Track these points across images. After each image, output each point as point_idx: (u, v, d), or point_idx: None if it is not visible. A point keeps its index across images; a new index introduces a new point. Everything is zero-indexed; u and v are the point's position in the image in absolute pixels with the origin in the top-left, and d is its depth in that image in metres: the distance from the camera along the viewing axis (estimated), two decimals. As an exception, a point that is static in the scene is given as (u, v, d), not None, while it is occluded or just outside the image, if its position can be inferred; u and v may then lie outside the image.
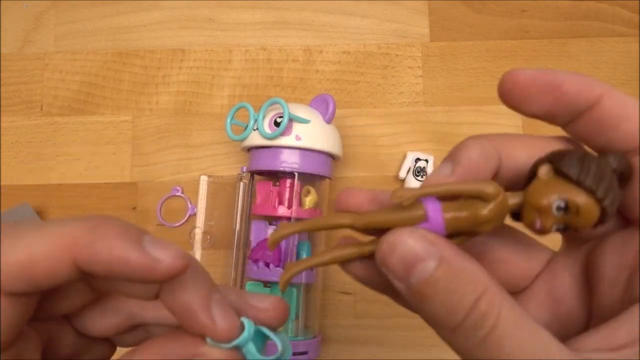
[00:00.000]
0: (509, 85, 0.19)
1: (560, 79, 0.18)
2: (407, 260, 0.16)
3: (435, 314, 0.16)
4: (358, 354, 0.44)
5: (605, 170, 0.16)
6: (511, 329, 0.15)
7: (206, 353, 0.17)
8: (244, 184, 0.42)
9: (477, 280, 0.15)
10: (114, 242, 0.16)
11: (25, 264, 0.15)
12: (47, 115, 0.48)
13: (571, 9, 0.49)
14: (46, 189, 0.47)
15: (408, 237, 0.16)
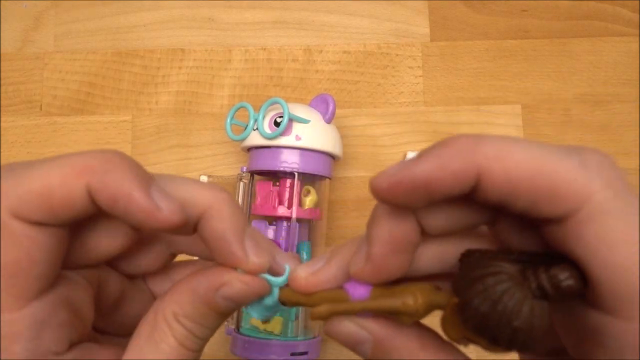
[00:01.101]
0: (379, 193, 0.16)
1: (420, 175, 0.15)
2: (349, 342, 0.18)
3: None
4: (358, 354, 0.44)
5: (520, 317, 0.13)
6: None
7: (232, 280, 0.18)
8: (243, 184, 0.42)
9: (410, 354, 0.17)
10: (124, 176, 0.16)
11: (43, 191, 0.16)
12: (47, 115, 0.48)
13: (572, 8, 0.49)
14: (46, 189, 0.47)
15: (340, 325, 0.18)
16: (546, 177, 0.14)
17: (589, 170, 0.14)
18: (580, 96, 0.47)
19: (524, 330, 0.13)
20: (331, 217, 0.45)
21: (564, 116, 0.47)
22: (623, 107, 0.47)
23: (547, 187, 0.14)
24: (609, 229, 0.13)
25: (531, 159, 0.14)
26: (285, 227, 0.40)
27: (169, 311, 0.18)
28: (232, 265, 0.18)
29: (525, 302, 0.13)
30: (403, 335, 0.17)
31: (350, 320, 0.18)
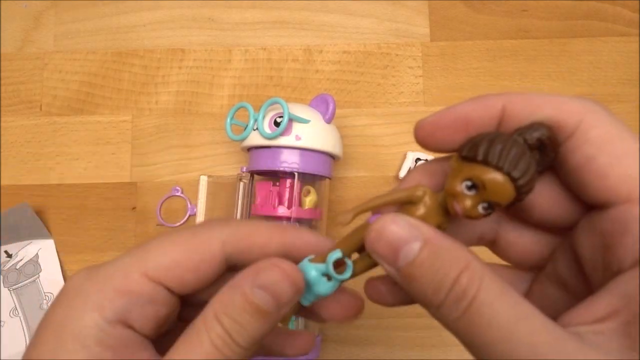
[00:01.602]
0: (420, 136, 0.20)
1: (461, 113, 0.19)
2: (394, 244, 0.17)
3: (422, 292, 0.17)
4: (358, 354, 0.44)
5: (509, 146, 0.17)
6: (491, 299, 0.16)
7: (267, 267, 0.18)
8: (243, 184, 0.42)
9: (459, 256, 0.16)
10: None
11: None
12: (47, 115, 0.48)
13: (572, 8, 0.49)
14: (45, 189, 0.47)
15: (392, 223, 0.17)
16: (549, 104, 0.17)
17: (585, 100, 0.18)
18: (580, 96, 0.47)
19: (526, 161, 0.17)
20: (331, 217, 0.45)
21: (564, 116, 0.47)
22: (623, 107, 0.47)
23: (548, 113, 0.17)
24: (605, 131, 0.17)
25: (542, 95, 0.18)
26: None
27: (211, 310, 0.18)
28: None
29: (514, 143, 0.17)
30: (450, 238, 0.17)
31: (403, 218, 0.17)
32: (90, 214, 0.46)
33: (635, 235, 0.15)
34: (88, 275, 0.19)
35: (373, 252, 0.18)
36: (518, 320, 0.15)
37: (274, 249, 0.20)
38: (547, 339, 0.15)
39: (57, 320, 0.19)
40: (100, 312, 0.18)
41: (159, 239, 0.20)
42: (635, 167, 0.16)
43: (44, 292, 0.44)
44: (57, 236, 0.46)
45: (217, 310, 0.18)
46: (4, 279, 0.44)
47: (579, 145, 0.17)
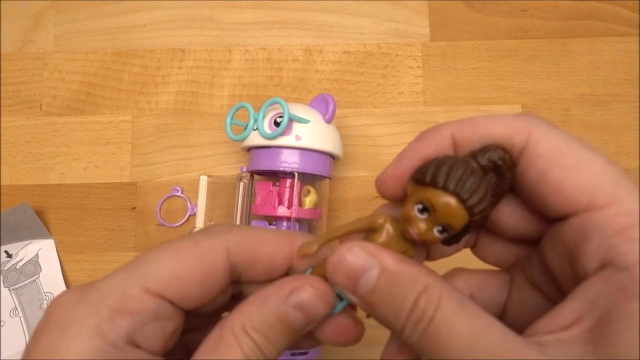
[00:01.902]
0: (383, 192, 0.20)
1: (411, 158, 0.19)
2: (352, 274, 0.17)
3: (384, 318, 0.17)
4: (358, 354, 0.44)
5: (458, 168, 0.17)
6: (449, 316, 0.16)
7: (303, 286, 0.18)
8: (243, 184, 0.42)
9: (417, 280, 0.17)
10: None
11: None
12: (47, 115, 0.48)
13: (571, 8, 0.49)
14: (45, 189, 0.47)
15: (347, 254, 0.17)
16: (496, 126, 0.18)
17: (530, 117, 0.18)
18: (580, 96, 0.47)
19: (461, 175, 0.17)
20: (331, 217, 0.45)
21: (564, 116, 0.47)
22: (623, 107, 0.47)
23: (497, 133, 0.18)
24: (554, 143, 0.17)
25: (487, 118, 0.18)
26: (285, 227, 0.40)
27: (238, 324, 0.18)
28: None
29: (463, 164, 0.17)
30: (410, 262, 0.17)
31: (360, 247, 0.17)
32: (90, 214, 0.46)
33: (596, 242, 0.15)
34: (78, 298, 0.18)
35: (333, 284, 0.18)
36: (476, 333, 0.15)
37: (282, 259, 0.20)
38: (505, 351, 0.15)
39: (49, 352, 0.17)
40: (103, 337, 0.17)
41: (157, 250, 0.19)
42: (590, 175, 0.16)
43: (44, 292, 0.44)
44: (57, 236, 0.46)
45: (245, 324, 0.18)
46: (4, 279, 0.44)
47: (531, 162, 0.17)
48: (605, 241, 0.15)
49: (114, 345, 0.17)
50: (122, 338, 0.17)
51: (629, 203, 0.15)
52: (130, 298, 0.17)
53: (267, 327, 0.18)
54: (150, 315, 0.17)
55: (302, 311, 0.18)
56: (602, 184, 0.16)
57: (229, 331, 0.18)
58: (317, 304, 0.18)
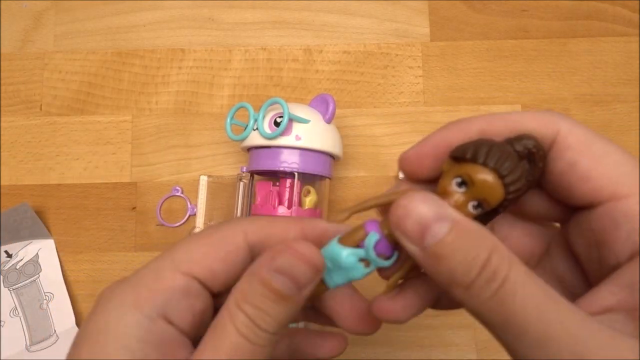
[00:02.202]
0: (405, 168, 0.20)
1: (443, 140, 0.19)
2: (422, 223, 0.17)
3: (450, 273, 0.17)
4: (358, 354, 0.44)
5: (497, 148, 0.17)
6: (521, 281, 0.16)
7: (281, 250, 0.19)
8: (243, 184, 0.42)
9: (487, 238, 0.16)
10: None
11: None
12: (47, 115, 0.48)
13: (572, 8, 0.49)
14: (45, 189, 0.47)
15: (421, 202, 0.17)
16: (527, 121, 0.18)
17: (557, 113, 0.18)
18: (580, 96, 0.47)
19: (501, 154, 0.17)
20: (331, 217, 0.45)
21: (564, 116, 0.47)
22: (623, 107, 0.47)
23: (527, 127, 0.18)
24: (582, 136, 0.18)
25: (517, 113, 0.19)
26: None
27: (232, 300, 0.19)
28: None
29: (502, 146, 0.18)
30: (476, 223, 0.17)
31: (432, 197, 0.17)
32: (90, 214, 0.46)
33: (627, 230, 0.16)
34: (119, 283, 0.20)
35: (398, 230, 0.17)
36: (549, 300, 0.15)
37: (293, 236, 0.21)
38: (575, 319, 0.15)
39: (95, 326, 0.19)
40: (139, 309, 0.18)
41: (185, 240, 0.21)
42: (614, 166, 0.17)
43: (44, 292, 0.44)
44: (57, 236, 0.46)
45: (238, 299, 0.18)
46: (4, 279, 0.44)
47: (560, 153, 0.18)
48: (635, 229, 0.16)
49: (149, 318, 0.18)
50: (157, 311, 0.19)
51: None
52: (163, 278, 0.19)
53: (257, 298, 0.18)
54: (181, 292, 0.19)
55: (286, 275, 0.18)
56: (625, 174, 0.17)
57: (225, 310, 0.18)
58: (300, 267, 0.18)
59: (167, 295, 0.19)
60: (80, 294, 0.45)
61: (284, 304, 0.18)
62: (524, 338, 0.15)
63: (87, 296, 0.45)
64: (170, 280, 0.19)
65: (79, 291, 0.45)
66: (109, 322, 0.18)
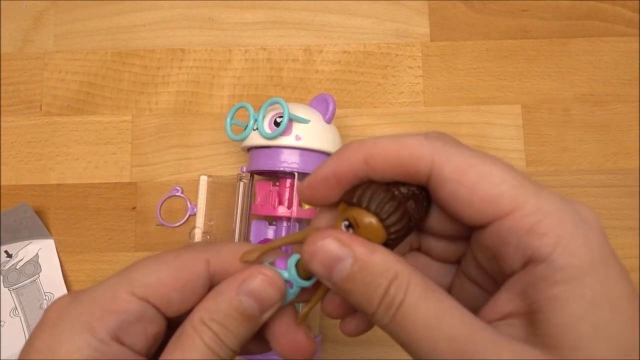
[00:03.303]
0: (303, 199, 0.21)
1: (325, 173, 0.20)
2: (327, 263, 0.18)
3: (357, 303, 0.18)
4: (358, 354, 0.44)
5: (379, 193, 0.19)
6: (415, 302, 0.17)
7: (252, 274, 0.20)
8: (243, 184, 0.42)
9: (388, 268, 0.18)
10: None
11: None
12: (47, 115, 0.48)
13: (572, 8, 0.49)
14: (45, 189, 0.47)
15: (323, 243, 0.18)
16: (402, 153, 0.19)
17: (430, 141, 0.19)
18: (580, 96, 0.47)
19: (382, 199, 0.19)
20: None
21: (564, 116, 0.47)
22: (623, 107, 0.47)
23: (403, 161, 0.19)
24: (456, 165, 0.18)
25: (395, 142, 0.20)
26: (285, 227, 0.40)
27: (197, 317, 0.19)
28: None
29: (385, 191, 0.19)
30: (381, 251, 0.19)
31: (334, 237, 0.19)
32: (90, 214, 0.46)
33: (513, 245, 0.17)
34: (71, 300, 0.20)
35: (309, 270, 0.19)
36: (438, 317, 0.17)
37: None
38: (464, 331, 0.17)
39: (44, 347, 0.18)
40: (92, 332, 0.18)
41: (144, 261, 0.21)
42: (491, 188, 0.18)
43: (44, 292, 0.44)
44: (57, 236, 0.46)
45: (203, 316, 0.19)
46: (4, 279, 0.44)
47: (439, 185, 0.19)
48: (520, 242, 0.17)
49: (101, 340, 0.18)
50: (109, 334, 0.19)
51: (529, 204, 0.17)
52: (118, 300, 0.19)
53: (223, 317, 0.19)
54: (135, 316, 0.19)
55: (254, 297, 0.19)
56: (503, 192, 0.18)
57: (189, 325, 0.19)
58: (267, 290, 0.20)
59: (121, 318, 0.19)
60: (80, 294, 0.45)
61: (247, 324, 0.20)
62: (418, 354, 0.17)
63: (87, 296, 0.45)
64: (124, 302, 0.19)
65: (79, 291, 0.45)
66: (60, 343, 0.18)
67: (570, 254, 0.16)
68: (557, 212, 0.17)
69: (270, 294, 0.20)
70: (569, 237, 0.17)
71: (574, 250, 0.16)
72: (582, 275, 0.16)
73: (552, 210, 0.17)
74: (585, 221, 0.17)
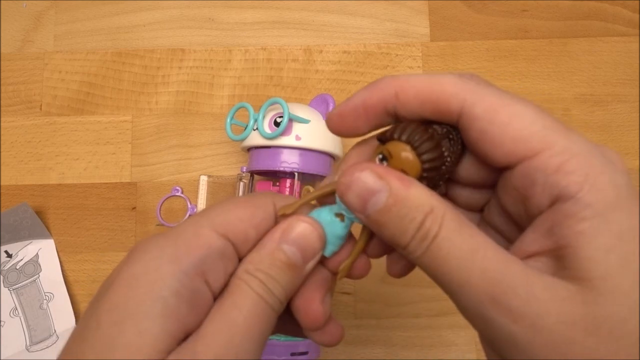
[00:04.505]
0: (330, 128, 0.22)
1: (357, 102, 0.21)
2: (362, 195, 0.19)
3: (390, 236, 0.19)
4: (358, 354, 0.44)
5: (411, 127, 0.19)
6: (449, 235, 0.18)
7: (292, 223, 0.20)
8: (243, 184, 0.42)
9: (423, 203, 0.18)
10: None
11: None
12: (47, 115, 0.48)
13: (572, 8, 0.49)
14: (45, 189, 0.47)
15: (359, 175, 0.19)
16: (434, 89, 0.19)
17: (464, 80, 0.19)
18: (580, 96, 0.47)
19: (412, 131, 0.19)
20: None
21: (564, 116, 0.47)
22: (623, 107, 0.47)
23: (435, 97, 0.19)
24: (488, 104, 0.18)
25: (426, 79, 0.19)
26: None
27: (243, 269, 0.20)
28: None
29: (417, 126, 0.19)
30: (416, 185, 0.19)
31: (370, 170, 0.19)
32: (90, 214, 0.46)
33: (541, 184, 0.18)
34: (157, 236, 0.20)
35: (343, 202, 0.19)
36: (472, 250, 0.17)
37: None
38: (497, 264, 0.17)
39: (130, 272, 0.18)
40: (178, 264, 0.18)
41: (221, 202, 0.21)
42: (522, 127, 0.18)
43: (44, 292, 0.44)
44: (57, 236, 0.46)
45: (249, 268, 0.19)
46: (4, 279, 0.44)
47: (470, 124, 0.19)
48: (548, 181, 0.17)
49: (186, 274, 0.18)
50: (194, 269, 0.19)
51: (561, 144, 0.17)
52: (201, 236, 0.19)
53: (268, 266, 0.19)
54: (217, 252, 0.19)
55: (296, 245, 0.20)
56: (534, 133, 0.18)
57: (235, 277, 0.19)
58: (308, 237, 0.20)
59: (205, 253, 0.19)
60: (80, 294, 0.45)
61: (292, 274, 0.20)
62: (450, 287, 0.18)
63: (87, 296, 0.45)
64: (208, 238, 0.19)
65: (79, 291, 0.45)
66: (146, 270, 0.18)
67: (598, 191, 0.17)
68: (584, 152, 0.17)
69: (311, 241, 0.20)
70: (596, 175, 0.17)
71: (601, 188, 0.17)
72: (609, 211, 0.16)
73: (580, 150, 0.17)
74: (611, 162, 0.18)
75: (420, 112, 0.20)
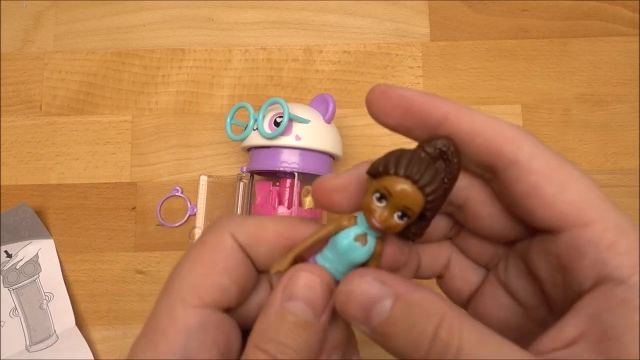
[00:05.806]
0: (369, 98, 0.20)
1: (408, 95, 0.19)
2: (364, 305, 0.16)
3: (401, 350, 0.16)
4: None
5: (405, 156, 0.18)
6: (475, 349, 0.15)
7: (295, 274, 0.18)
8: (243, 184, 0.42)
9: (433, 309, 0.16)
10: None
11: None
12: (47, 115, 0.48)
13: (572, 8, 0.49)
14: (45, 189, 0.47)
15: (360, 282, 0.17)
16: (491, 130, 0.18)
17: (524, 131, 0.18)
18: (580, 96, 0.47)
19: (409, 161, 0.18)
20: (331, 217, 0.45)
21: (564, 116, 0.47)
22: (623, 107, 0.47)
23: (490, 138, 0.18)
24: (547, 160, 0.17)
25: (483, 117, 0.18)
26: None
27: (252, 343, 0.18)
28: None
29: (411, 153, 0.18)
30: (422, 289, 0.17)
31: (371, 276, 0.17)
32: (90, 214, 0.46)
33: (591, 258, 0.16)
34: (139, 337, 0.18)
35: (343, 315, 0.17)
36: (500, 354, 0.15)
37: (283, 244, 0.20)
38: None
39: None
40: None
41: (177, 270, 0.19)
42: (579, 192, 0.17)
43: (44, 292, 0.44)
44: (57, 236, 0.46)
45: (257, 340, 0.17)
46: (4, 279, 0.44)
47: (523, 175, 0.17)
48: (599, 257, 0.16)
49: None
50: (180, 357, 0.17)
51: (613, 218, 0.16)
52: (175, 318, 0.18)
53: (277, 332, 0.17)
54: (198, 328, 0.18)
55: (302, 299, 0.18)
56: (589, 201, 0.17)
57: (244, 356, 0.18)
58: (315, 287, 0.18)
59: (185, 337, 0.17)
60: (80, 294, 0.45)
61: (305, 333, 0.17)
62: None
63: (87, 296, 0.45)
64: (183, 319, 0.18)
65: (78, 291, 0.45)
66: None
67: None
68: (631, 232, 0.16)
69: (317, 290, 0.18)
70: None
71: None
72: None
73: (629, 229, 0.16)
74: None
75: (466, 145, 0.18)
